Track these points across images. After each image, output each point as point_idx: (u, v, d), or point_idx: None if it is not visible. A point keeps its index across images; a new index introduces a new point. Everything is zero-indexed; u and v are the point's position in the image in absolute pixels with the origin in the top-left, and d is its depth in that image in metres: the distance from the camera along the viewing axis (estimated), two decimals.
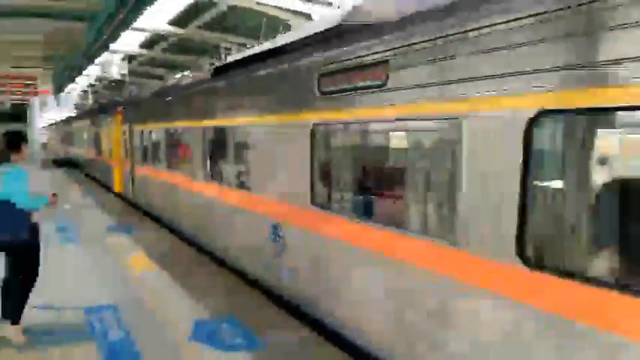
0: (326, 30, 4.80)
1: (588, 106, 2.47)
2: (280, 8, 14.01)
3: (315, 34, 5.02)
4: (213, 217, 7.32)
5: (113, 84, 31.48)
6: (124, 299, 5.63)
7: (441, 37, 3.24)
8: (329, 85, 4.44)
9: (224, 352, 4.35)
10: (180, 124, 8.57)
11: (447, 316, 3.24)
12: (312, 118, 4.68)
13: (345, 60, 4.21)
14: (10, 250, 4.47)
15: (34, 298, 4.75)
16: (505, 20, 2.82)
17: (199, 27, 17.13)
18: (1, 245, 4.42)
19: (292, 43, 5.48)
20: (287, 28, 15.11)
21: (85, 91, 39.38)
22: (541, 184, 2.89)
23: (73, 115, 31.67)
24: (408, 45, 3.53)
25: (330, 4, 13.70)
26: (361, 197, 4.51)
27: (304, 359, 4.30)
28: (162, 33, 18.28)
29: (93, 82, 34.02)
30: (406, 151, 4.19)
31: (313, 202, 4.71)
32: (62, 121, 34.35)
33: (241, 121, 6.27)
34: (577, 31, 2.48)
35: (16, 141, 4.65)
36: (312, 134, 4.67)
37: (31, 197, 4.52)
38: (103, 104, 19.65)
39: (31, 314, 4.72)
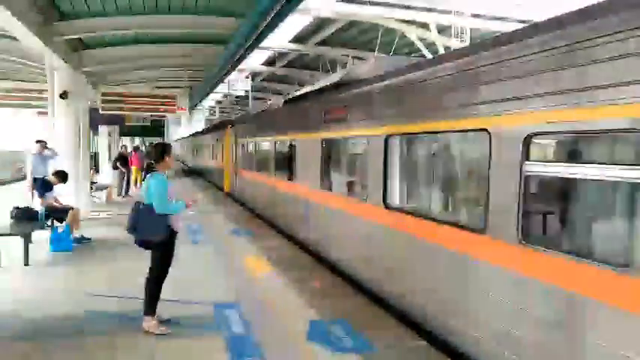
0: None
1: None
2: (398, 20, 14.01)
3: None
4: (290, 207, 9.92)
5: (238, 99, 33.99)
6: (245, 297, 6.03)
7: None
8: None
9: (340, 353, 4.44)
10: (265, 138, 11.95)
11: None
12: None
13: None
14: (152, 248, 5.03)
15: (170, 293, 5.29)
16: None
17: (317, 43, 17.79)
18: (145, 244, 4.99)
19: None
20: (403, 38, 15.06)
21: (213, 107, 43.08)
22: None
23: (198, 131, 35.44)
24: None
25: (449, 12, 13.39)
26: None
27: None
28: (283, 50, 19.36)
29: (219, 99, 37.09)
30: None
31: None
32: (189, 135, 38.49)
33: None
34: None
35: (161, 151, 5.21)
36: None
37: (170, 203, 4.93)
38: (217, 123, 24.99)
39: (167, 307, 5.22)
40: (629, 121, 2.81)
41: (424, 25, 14.39)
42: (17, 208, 8.47)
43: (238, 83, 27.37)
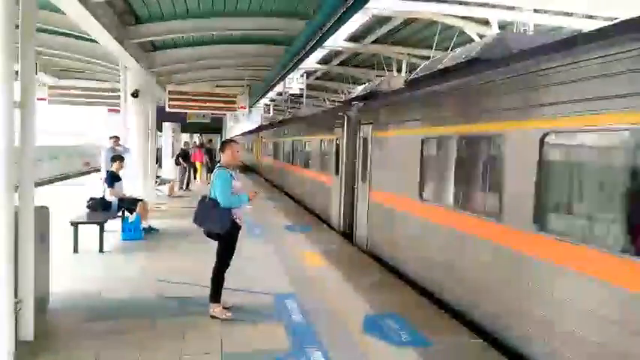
0: None
1: None
2: (455, 16, 13.80)
3: None
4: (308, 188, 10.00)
5: (292, 97, 34.52)
6: (302, 289, 6.27)
7: None
8: None
9: (396, 346, 4.58)
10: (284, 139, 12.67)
11: None
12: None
13: None
14: (218, 239, 5.34)
15: (234, 282, 5.60)
16: None
17: (373, 41, 17.79)
18: (213, 235, 5.28)
19: None
20: (462, 35, 14.78)
21: (267, 105, 44.00)
22: None
23: (249, 129, 36.66)
24: None
25: (512, 7, 13.04)
26: None
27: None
28: (338, 49, 19.52)
29: (273, 97, 37.81)
30: None
31: None
32: (241, 133, 39.65)
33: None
34: None
35: (222, 147, 5.52)
36: None
37: (233, 197, 5.17)
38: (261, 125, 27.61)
39: (231, 295, 5.54)
40: None
41: (485, 22, 14.08)
42: (92, 198, 9.16)
43: (294, 82, 27.81)
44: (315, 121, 14.34)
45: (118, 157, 9.58)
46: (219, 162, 5.55)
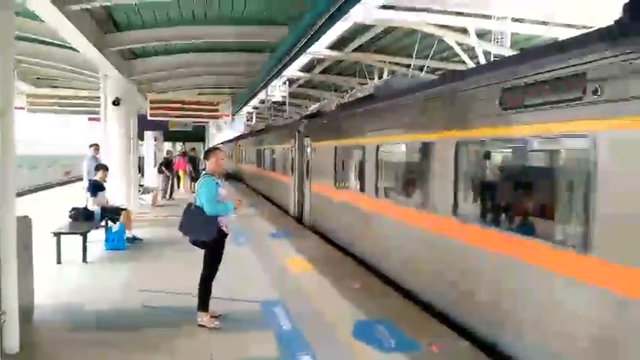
0: None
1: None
2: (435, 25, 14.04)
3: None
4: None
5: (275, 105, 34.53)
6: (289, 295, 6.27)
7: None
8: None
9: (385, 352, 4.60)
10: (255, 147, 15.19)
11: None
12: None
13: None
14: (203, 248, 5.30)
15: (223, 290, 5.57)
16: None
17: (355, 49, 17.97)
18: (198, 244, 5.24)
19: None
20: (441, 43, 15.03)
21: (250, 113, 43.90)
22: None
23: (229, 138, 36.92)
24: None
25: (488, 16, 13.32)
26: None
27: None
28: (320, 57, 19.64)
29: (256, 105, 37.77)
30: None
31: None
32: (223, 142, 39.77)
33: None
34: None
35: (207, 155, 5.50)
36: None
37: (219, 205, 5.15)
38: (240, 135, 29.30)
39: (218, 304, 5.49)
40: None
41: (463, 30, 14.36)
42: (75, 208, 9.01)
43: (276, 89, 27.83)
44: (278, 134, 17.38)
45: (102, 167, 9.47)
46: (204, 170, 5.54)
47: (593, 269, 3.56)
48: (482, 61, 13.99)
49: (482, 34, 14.38)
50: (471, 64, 14.86)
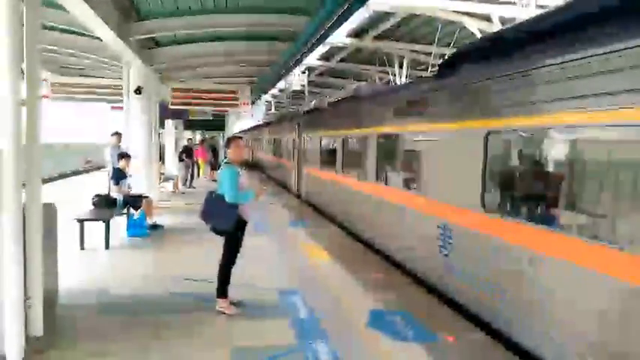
0: None
1: None
2: (457, 12, 13.77)
3: None
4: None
5: (294, 94, 34.49)
6: (307, 284, 6.33)
7: None
8: None
9: (401, 341, 4.61)
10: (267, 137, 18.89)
11: None
12: None
13: None
14: (223, 235, 5.36)
15: (241, 278, 5.64)
16: None
17: (374, 38, 17.78)
18: (219, 232, 5.32)
19: None
20: (463, 31, 14.76)
21: (269, 102, 43.95)
22: None
23: (248, 127, 37.53)
24: None
25: (512, 3, 13.00)
26: None
27: (479, 357, 4.33)
28: (340, 45, 19.49)
29: (275, 94, 37.78)
30: None
31: None
32: (242, 130, 40.33)
33: None
34: None
35: (228, 144, 5.53)
36: None
37: (240, 193, 5.20)
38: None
39: (238, 291, 5.54)
40: None
41: (486, 18, 14.05)
42: (98, 195, 9.20)
43: (295, 78, 27.76)
44: (283, 125, 20.76)
45: (125, 155, 9.61)
46: (225, 159, 5.58)
47: None
48: None
49: (506, 22, 14.05)
50: None
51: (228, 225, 5.17)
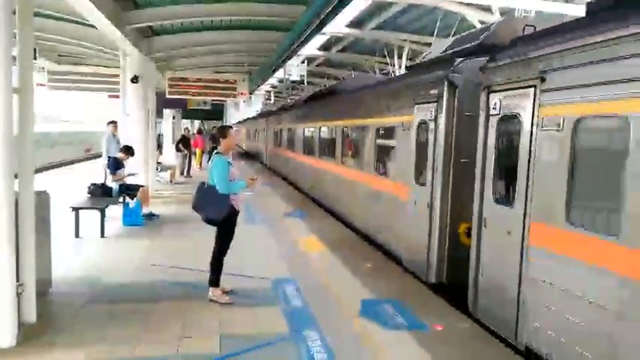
0: None
1: None
2: (457, 2, 13.69)
3: None
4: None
5: (293, 84, 34.37)
6: (300, 273, 6.36)
7: None
8: None
9: (391, 330, 4.65)
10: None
11: None
12: None
13: None
14: (215, 225, 5.38)
15: (234, 267, 5.66)
16: None
17: (374, 28, 17.68)
18: (210, 221, 5.33)
19: None
20: (462, 22, 14.67)
21: (268, 92, 43.83)
22: None
23: (244, 119, 37.88)
24: None
25: None
26: None
27: (467, 346, 4.37)
28: (339, 35, 19.39)
29: (274, 84, 37.65)
30: None
31: None
32: (239, 122, 40.48)
33: None
34: None
35: (221, 134, 5.43)
36: None
37: (231, 183, 5.20)
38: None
39: (230, 280, 5.60)
40: None
41: (486, 9, 13.97)
42: (94, 184, 9.21)
43: (294, 68, 27.63)
44: (258, 121, 29.12)
45: (128, 150, 9.59)
46: (216, 148, 5.57)
47: None
48: None
49: (506, 13, 13.98)
50: None
51: (220, 215, 5.20)
